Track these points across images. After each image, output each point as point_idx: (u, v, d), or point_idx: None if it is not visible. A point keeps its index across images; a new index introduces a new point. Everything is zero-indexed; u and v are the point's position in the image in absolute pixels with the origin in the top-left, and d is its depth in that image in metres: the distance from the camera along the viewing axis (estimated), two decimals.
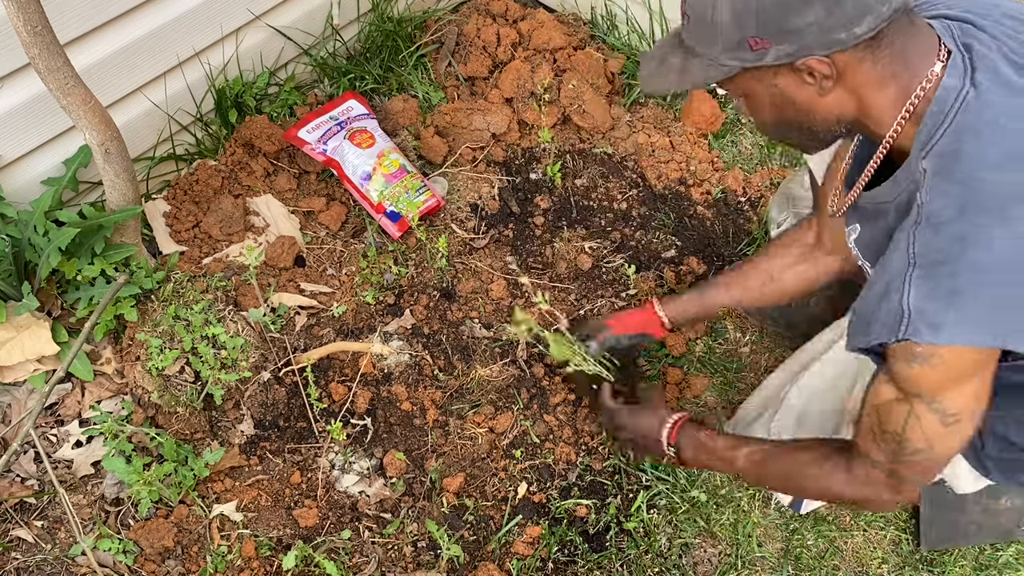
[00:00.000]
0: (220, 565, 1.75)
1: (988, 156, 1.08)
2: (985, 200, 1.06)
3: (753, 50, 1.12)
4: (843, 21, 1.07)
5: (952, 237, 1.07)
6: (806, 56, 1.10)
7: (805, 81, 1.15)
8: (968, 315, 1.06)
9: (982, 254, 1.05)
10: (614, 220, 2.26)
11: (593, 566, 1.80)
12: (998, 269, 1.05)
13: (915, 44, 1.13)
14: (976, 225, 1.06)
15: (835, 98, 1.17)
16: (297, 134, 2.19)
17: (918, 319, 1.08)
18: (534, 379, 2.02)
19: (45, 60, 1.55)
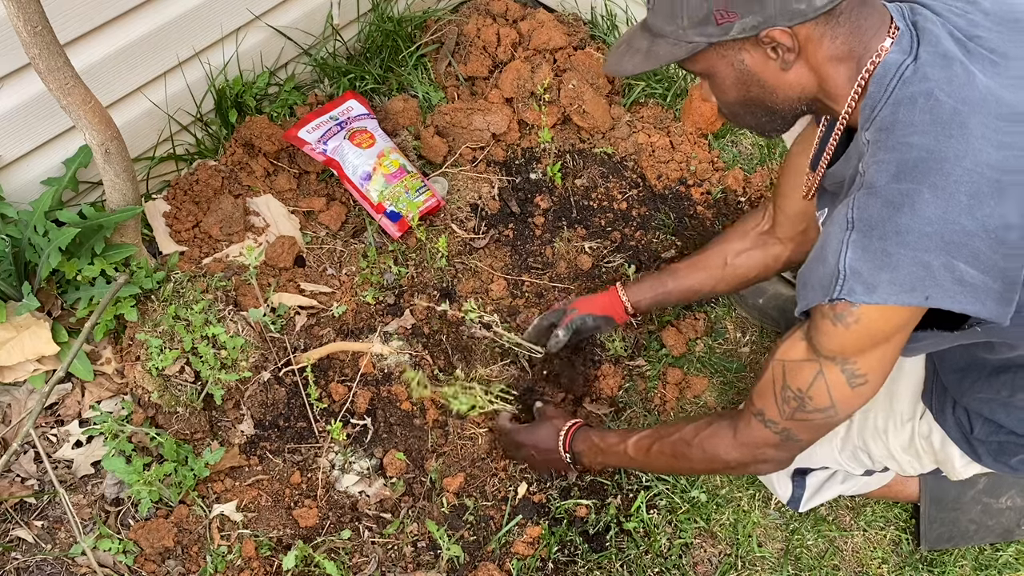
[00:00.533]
0: (220, 565, 1.75)
1: (918, 124, 1.11)
2: (913, 166, 1.09)
3: (719, 24, 1.15)
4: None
5: (884, 201, 1.10)
6: (770, 27, 1.13)
7: (768, 56, 1.18)
8: (900, 275, 1.09)
9: (908, 218, 1.08)
10: (614, 220, 2.26)
11: (593, 566, 1.80)
12: (925, 232, 1.07)
13: (868, 21, 1.16)
14: (905, 190, 1.09)
15: (796, 73, 1.20)
16: (297, 134, 2.19)
17: (853, 279, 1.11)
18: (534, 379, 2.02)
19: (45, 60, 1.55)
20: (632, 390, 2.02)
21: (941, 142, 1.09)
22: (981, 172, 1.07)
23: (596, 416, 1.98)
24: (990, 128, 1.09)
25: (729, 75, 1.23)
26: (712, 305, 2.16)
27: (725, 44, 1.18)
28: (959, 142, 1.08)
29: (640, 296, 1.86)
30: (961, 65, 1.12)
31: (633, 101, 2.43)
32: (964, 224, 1.07)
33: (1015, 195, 1.08)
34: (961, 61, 1.13)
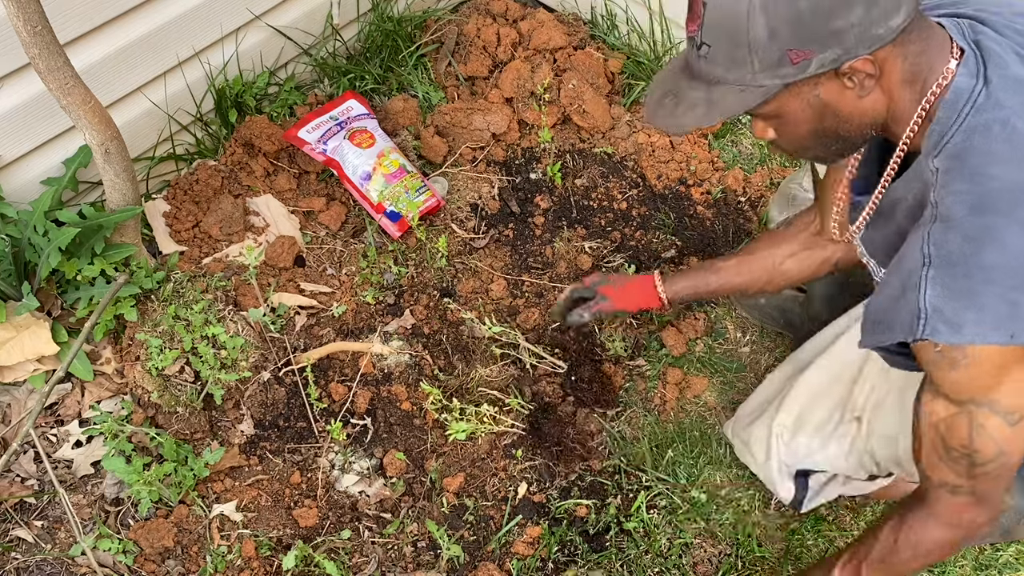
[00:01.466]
0: (220, 565, 1.75)
1: (998, 154, 1.07)
2: (996, 199, 1.05)
3: (794, 63, 1.07)
4: (881, 15, 1.05)
5: (965, 236, 1.06)
6: (852, 58, 1.07)
7: (846, 86, 1.12)
8: (986, 315, 1.05)
9: (995, 254, 1.04)
10: (614, 220, 2.26)
11: (593, 566, 1.80)
12: (1012, 268, 1.04)
13: (932, 41, 1.12)
14: (988, 224, 1.05)
15: (872, 99, 1.14)
16: (297, 134, 2.19)
17: (936, 318, 1.07)
18: (534, 379, 2.02)
19: (45, 60, 1.55)
20: (632, 390, 2.02)
21: (1021, 174, 1.05)
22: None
23: (599, 415, 1.98)
24: None
25: (803, 112, 1.16)
26: (712, 305, 2.16)
27: (799, 82, 1.10)
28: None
29: (678, 290, 1.77)
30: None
31: (633, 101, 2.43)
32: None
33: None
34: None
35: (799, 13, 1.03)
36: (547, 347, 2.05)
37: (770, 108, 1.14)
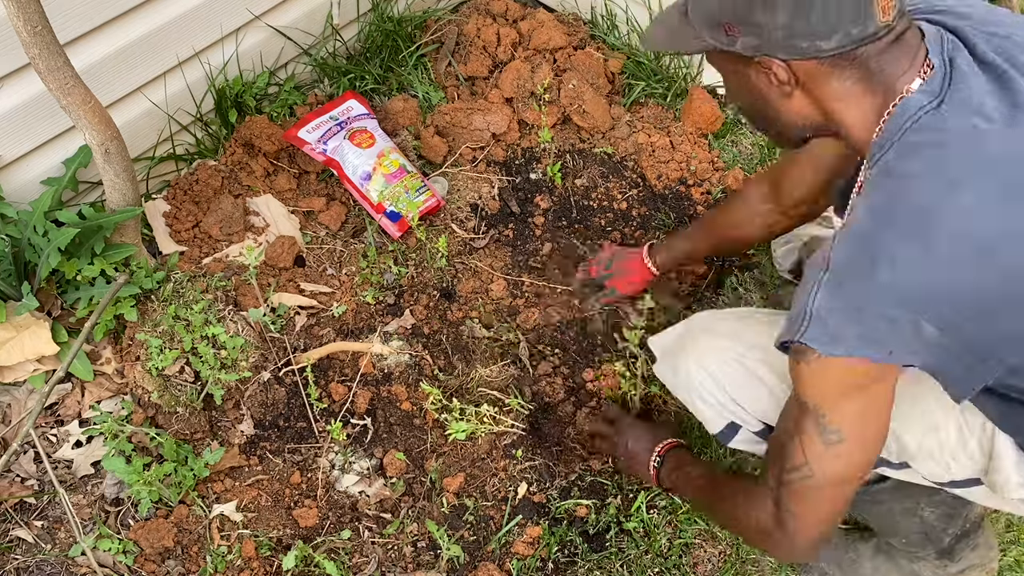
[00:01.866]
0: (220, 565, 1.75)
1: (919, 175, 1.07)
2: (900, 218, 1.06)
3: (727, 34, 1.14)
4: (807, 32, 1.07)
5: (861, 249, 1.08)
6: (767, 55, 1.12)
7: (770, 80, 1.16)
8: (865, 329, 1.07)
9: (883, 271, 1.05)
10: (614, 220, 2.26)
11: (593, 566, 1.80)
12: (898, 289, 1.05)
13: (896, 64, 1.11)
14: (885, 240, 1.06)
15: (798, 103, 1.18)
16: (297, 134, 2.19)
17: (817, 325, 1.09)
18: (534, 379, 2.02)
19: (45, 60, 1.55)
20: None
21: (935, 198, 1.05)
22: (967, 237, 1.04)
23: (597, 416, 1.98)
24: (992, 194, 1.05)
25: (736, 84, 1.23)
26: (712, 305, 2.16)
27: (732, 54, 1.16)
28: (953, 202, 1.04)
29: (663, 261, 1.97)
30: (984, 119, 1.07)
31: (633, 101, 2.43)
32: (937, 286, 1.05)
33: (992, 272, 1.05)
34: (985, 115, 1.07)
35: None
36: (547, 346, 2.05)
37: (715, 64, 1.24)
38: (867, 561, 1.79)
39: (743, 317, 1.61)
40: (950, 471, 1.39)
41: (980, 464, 1.35)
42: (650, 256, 1.97)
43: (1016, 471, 1.29)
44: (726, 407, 1.52)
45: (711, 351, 1.53)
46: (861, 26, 1.06)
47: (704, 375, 1.52)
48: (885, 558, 1.78)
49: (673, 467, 1.66)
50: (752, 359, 1.49)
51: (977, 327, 1.08)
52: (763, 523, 1.30)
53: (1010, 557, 1.91)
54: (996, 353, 1.12)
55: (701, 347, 1.55)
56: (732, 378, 1.49)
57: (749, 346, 1.50)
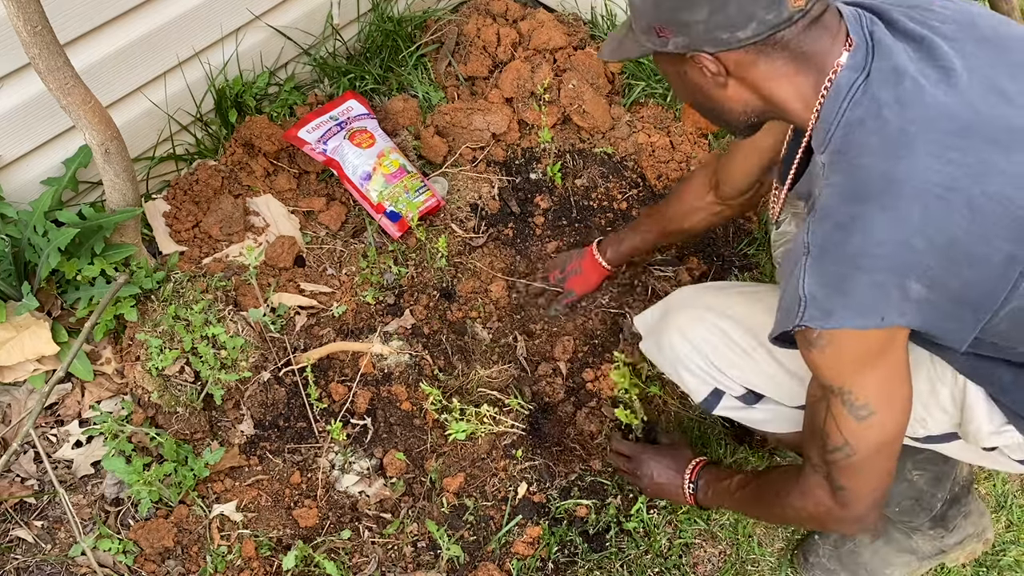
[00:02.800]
0: (220, 565, 1.75)
1: (869, 146, 1.12)
2: (865, 188, 1.11)
3: (659, 36, 1.20)
4: (726, 23, 1.14)
5: (836, 224, 1.13)
6: (696, 51, 1.19)
7: (704, 74, 1.23)
8: (854, 300, 1.11)
9: (861, 239, 1.10)
10: (614, 220, 2.26)
11: (593, 566, 1.80)
12: (876, 254, 1.10)
13: (819, 43, 1.18)
14: (856, 212, 1.11)
15: (734, 91, 1.24)
16: (297, 134, 2.19)
17: (812, 305, 1.14)
18: (534, 379, 2.02)
19: (45, 60, 1.55)
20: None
21: (890, 163, 1.10)
22: (929, 190, 1.09)
23: (597, 416, 1.98)
24: (938, 144, 1.10)
25: (677, 81, 1.30)
26: None
27: (668, 55, 1.23)
28: (907, 162, 1.09)
29: (612, 258, 2.04)
30: (912, 81, 1.13)
31: (633, 101, 2.43)
32: (915, 243, 1.09)
33: (959, 210, 1.09)
34: (912, 77, 1.13)
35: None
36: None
37: (660, 67, 1.32)
38: (865, 548, 1.80)
39: (722, 288, 1.67)
40: (926, 426, 1.43)
41: (954, 417, 1.39)
42: (599, 252, 2.04)
43: (988, 420, 1.34)
44: (709, 374, 1.57)
45: (693, 322, 1.57)
46: (775, 12, 1.13)
47: (688, 346, 1.56)
48: (883, 540, 1.79)
49: (709, 487, 1.68)
50: (731, 326, 1.54)
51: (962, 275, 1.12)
52: (822, 505, 1.34)
53: (1010, 557, 1.92)
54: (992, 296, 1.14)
55: (683, 320, 1.59)
56: (713, 346, 1.54)
57: (727, 315, 1.55)
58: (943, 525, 1.77)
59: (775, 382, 1.54)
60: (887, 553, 1.80)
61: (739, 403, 1.61)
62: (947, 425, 1.41)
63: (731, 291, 1.63)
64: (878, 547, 1.80)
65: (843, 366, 1.19)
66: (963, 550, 1.81)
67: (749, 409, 1.62)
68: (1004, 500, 1.98)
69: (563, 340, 2.06)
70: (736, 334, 1.53)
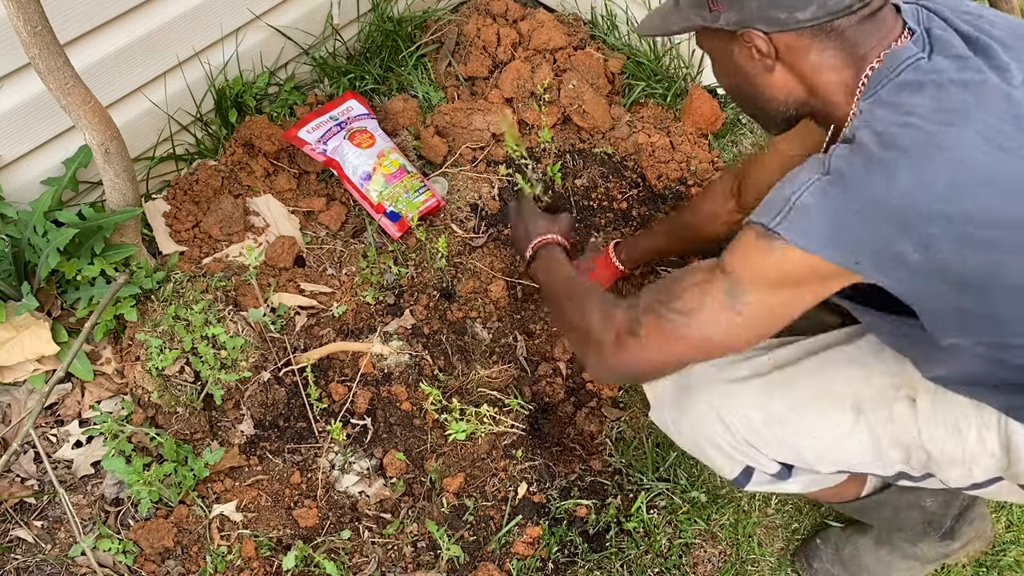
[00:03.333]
0: (220, 565, 1.75)
1: (920, 108, 1.10)
2: (904, 139, 1.08)
3: (711, 10, 1.18)
4: (785, 3, 1.13)
5: (864, 160, 1.09)
6: (748, 28, 1.17)
7: (752, 55, 1.20)
8: (843, 234, 1.09)
9: (882, 185, 1.07)
10: (614, 220, 2.26)
11: (593, 566, 1.80)
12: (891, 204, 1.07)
13: (874, 35, 1.16)
14: (888, 158, 1.08)
15: (780, 77, 1.22)
16: (297, 134, 2.19)
17: (797, 216, 1.10)
18: (534, 379, 2.02)
19: (45, 60, 1.55)
20: (632, 390, 2.02)
21: (939, 128, 1.08)
22: (967, 166, 1.06)
23: (597, 416, 1.98)
24: (992, 128, 1.08)
25: (721, 59, 1.27)
26: None
27: (717, 31, 1.20)
28: (956, 132, 1.07)
29: (629, 259, 2.04)
30: (975, 68, 1.12)
31: (633, 101, 2.43)
32: (932, 209, 1.06)
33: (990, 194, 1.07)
34: (976, 66, 1.12)
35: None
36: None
37: (703, 44, 1.29)
38: (868, 553, 1.80)
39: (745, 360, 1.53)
40: (972, 475, 1.37)
41: (1000, 460, 1.34)
42: (615, 253, 2.04)
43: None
44: (740, 450, 1.49)
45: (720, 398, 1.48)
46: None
47: (714, 422, 1.47)
48: (888, 549, 1.79)
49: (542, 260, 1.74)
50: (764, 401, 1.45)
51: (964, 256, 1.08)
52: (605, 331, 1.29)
53: (1010, 557, 1.92)
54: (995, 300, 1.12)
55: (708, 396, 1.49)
56: (745, 422, 1.45)
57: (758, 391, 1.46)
58: (951, 536, 1.76)
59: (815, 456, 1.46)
60: (891, 559, 1.80)
61: (773, 478, 1.54)
62: (993, 470, 1.36)
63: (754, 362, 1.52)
64: (882, 554, 1.80)
65: (768, 274, 1.15)
66: (965, 551, 1.82)
67: (782, 483, 1.56)
68: (1004, 500, 1.99)
69: (563, 340, 2.06)
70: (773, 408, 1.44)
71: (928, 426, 1.35)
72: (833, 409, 1.41)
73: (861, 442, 1.41)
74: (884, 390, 1.39)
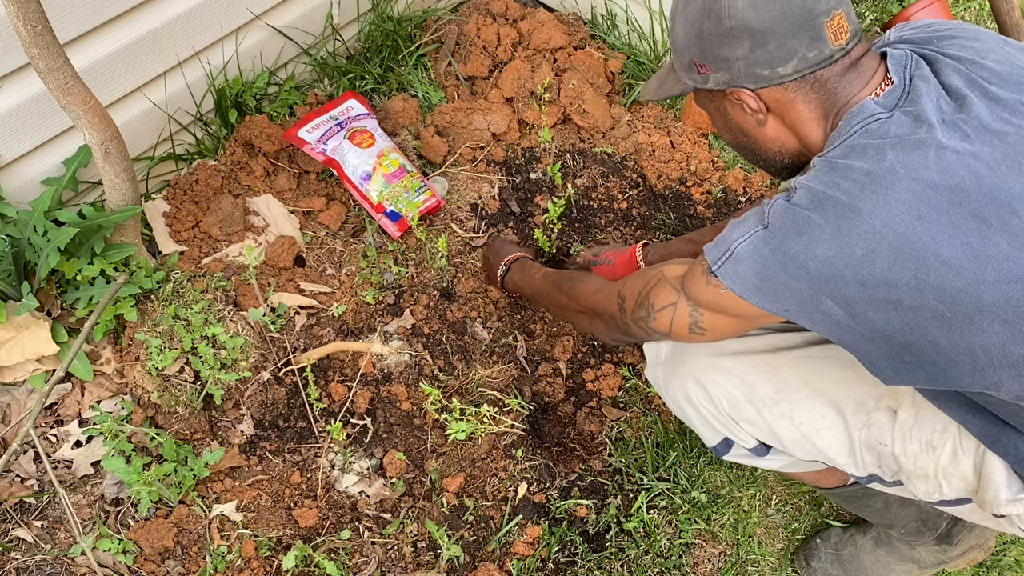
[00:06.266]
0: (220, 565, 1.75)
1: (855, 172, 1.14)
2: (831, 204, 1.13)
3: (700, 73, 1.25)
4: (766, 60, 1.18)
5: (793, 221, 1.15)
6: (737, 86, 1.23)
7: (744, 111, 1.26)
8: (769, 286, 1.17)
9: (803, 247, 1.14)
10: (614, 220, 2.26)
11: (593, 566, 1.80)
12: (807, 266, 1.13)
13: (855, 83, 1.21)
14: (813, 221, 1.14)
15: (773, 130, 1.27)
16: (297, 134, 2.19)
17: (734, 264, 1.19)
18: (534, 379, 2.02)
19: (45, 60, 1.55)
20: (632, 390, 2.02)
21: (863, 195, 1.12)
22: (885, 235, 1.10)
23: (597, 416, 1.98)
24: (917, 198, 1.10)
25: (717, 117, 1.34)
26: None
27: (710, 91, 1.26)
28: (879, 201, 1.11)
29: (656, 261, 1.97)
30: (928, 129, 1.13)
31: (633, 101, 2.43)
32: (846, 273, 1.11)
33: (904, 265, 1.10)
34: (931, 125, 1.13)
35: (701, 31, 1.22)
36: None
37: (701, 104, 1.35)
38: (867, 554, 1.80)
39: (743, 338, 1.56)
40: (941, 491, 1.39)
41: (971, 484, 1.36)
42: (642, 254, 2.00)
43: (1006, 488, 1.30)
44: (721, 423, 1.54)
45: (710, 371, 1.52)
46: (816, 50, 1.17)
47: (702, 393, 1.52)
48: (886, 550, 1.79)
49: (516, 273, 1.90)
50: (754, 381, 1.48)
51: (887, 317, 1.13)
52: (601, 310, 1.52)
53: (1010, 557, 1.92)
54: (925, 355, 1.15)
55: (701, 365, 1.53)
56: (731, 399, 1.49)
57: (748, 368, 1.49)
58: (947, 541, 1.76)
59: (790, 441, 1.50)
60: (889, 561, 1.80)
61: (750, 453, 1.59)
62: (962, 491, 1.38)
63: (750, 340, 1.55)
64: (880, 555, 1.80)
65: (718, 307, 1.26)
66: (964, 559, 1.81)
67: (759, 458, 1.60)
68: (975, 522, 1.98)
69: (563, 340, 2.06)
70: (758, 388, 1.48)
71: (903, 439, 1.38)
72: (814, 401, 1.45)
73: (837, 438, 1.45)
74: (866, 398, 1.42)
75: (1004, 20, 2.11)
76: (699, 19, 1.21)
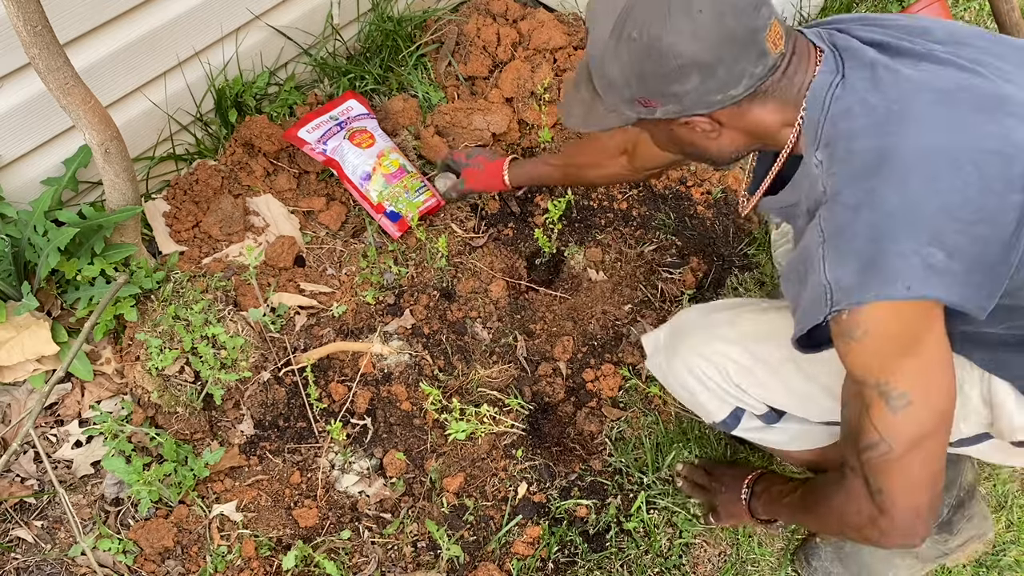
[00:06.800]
0: (220, 565, 1.75)
1: (859, 130, 1.14)
2: (863, 168, 1.12)
3: (644, 106, 1.21)
4: (717, 87, 1.16)
5: (845, 206, 1.13)
6: (689, 116, 1.20)
7: (695, 131, 1.24)
8: (877, 271, 1.10)
9: (871, 214, 1.11)
10: (614, 220, 2.26)
11: (593, 566, 1.80)
12: (888, 224, 1.10)
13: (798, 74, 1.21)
14: (862, 189, 1.12)
15: (727, 139, 1.26)
16: (297, 134, 2.19)
17: (837, 288, 1.13)
18: (534, 379, 2.02)
19: (45, 60, 1.55)
20: (632, 390, 2.02)
21: (883, 139, 1.12)
22: (930, 155, 1.10)
23: (597, 416, 1.98)
24: (925, 115, 1.12)
25: (665, 138, 1.32)
26: None
27: (653, 119, 1.24)
28: (897, 136, 1.11)
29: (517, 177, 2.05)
30: (885, 68, 1.17)
31: None
32: (924, 208, 1.09)
33: (963, 167, 1.10)
34: (884, 65, 1.17)
35: (643, 73, 1.16)
36: None
37: (642, 127, 1.30)
38: (866, 551, 1.80)
39: (735, 306, 1.61)
40: (959, 428, 1.38)
41: (984, 417, 1.36)
42: (508, 169, 2.05)
43: (1018, 412, 1.30)
44: (728, 392, 1.53)
45: (710, 340, 1.53)
46: (762, 64, 1.15)
47: (706, 363, 1.52)
48: None
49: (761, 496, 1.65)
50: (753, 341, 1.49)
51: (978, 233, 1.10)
52: (863, 512, 1.26)
53: (1010, 557, 1.92)
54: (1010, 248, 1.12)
55: (699, 339, 1.55)
56: (735, 362, 1.50)
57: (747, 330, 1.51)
58: (948, 530, 1.77)
59: (803, 398, 1.48)
60: (889, 555, 1.80)
61: (760, 422, 1.57)
62: (978, 426, 1.38)
63: (743, 308, 1.58)
64: (881, 551, 1.80)
65: (880, 354, 1.14)
66: (964, 551, 1.82)
67: (769, 429, 1.58)
68: (1004, 500, 1.98)
69: (563, 340, 2.06)
70: (761, 350, 1.47)
71: None
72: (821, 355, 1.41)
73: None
74: None
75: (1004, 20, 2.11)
76: (638, 61, 1.16)
